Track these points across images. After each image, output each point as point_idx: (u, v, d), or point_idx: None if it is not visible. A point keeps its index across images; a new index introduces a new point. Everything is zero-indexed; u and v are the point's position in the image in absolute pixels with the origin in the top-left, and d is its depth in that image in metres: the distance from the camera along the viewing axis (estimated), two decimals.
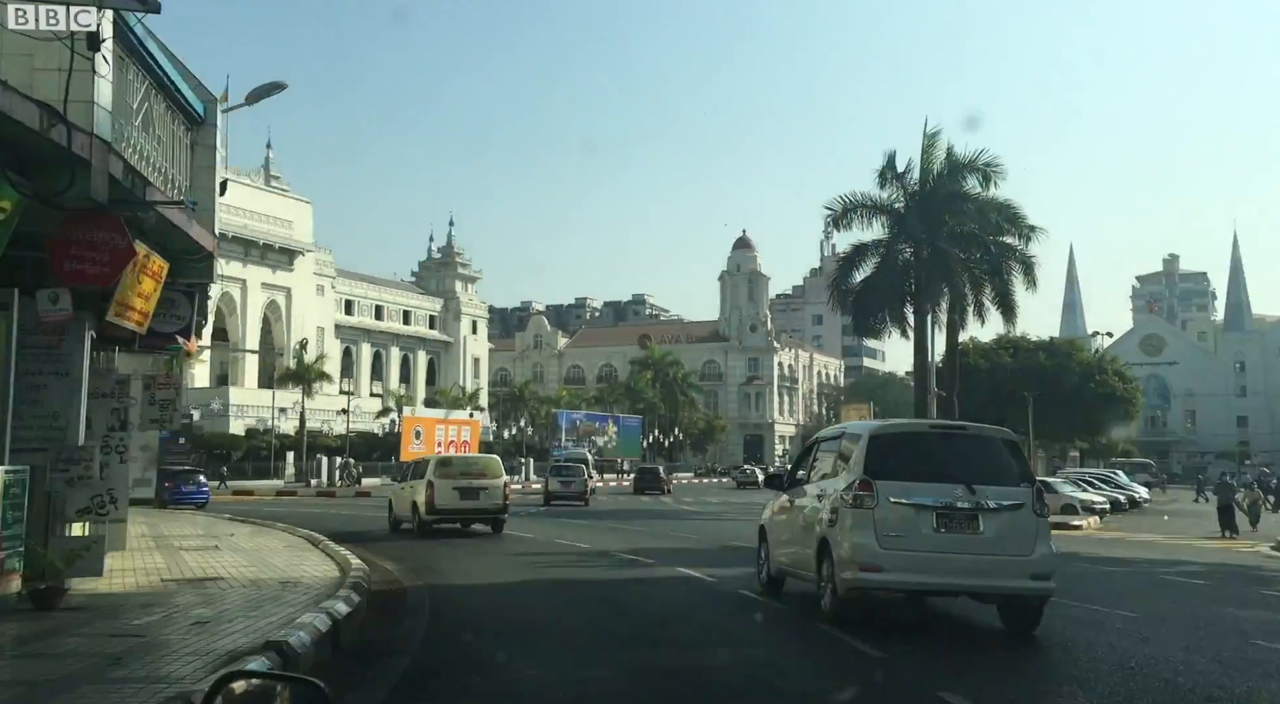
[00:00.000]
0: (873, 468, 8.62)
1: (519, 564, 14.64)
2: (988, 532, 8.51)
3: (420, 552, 16.73)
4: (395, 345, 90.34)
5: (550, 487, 37.06)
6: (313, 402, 64.24)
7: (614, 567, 14.66)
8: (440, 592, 11.49)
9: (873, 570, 8.39)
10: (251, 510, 29.30)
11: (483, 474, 19.59)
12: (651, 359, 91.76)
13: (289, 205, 76.45)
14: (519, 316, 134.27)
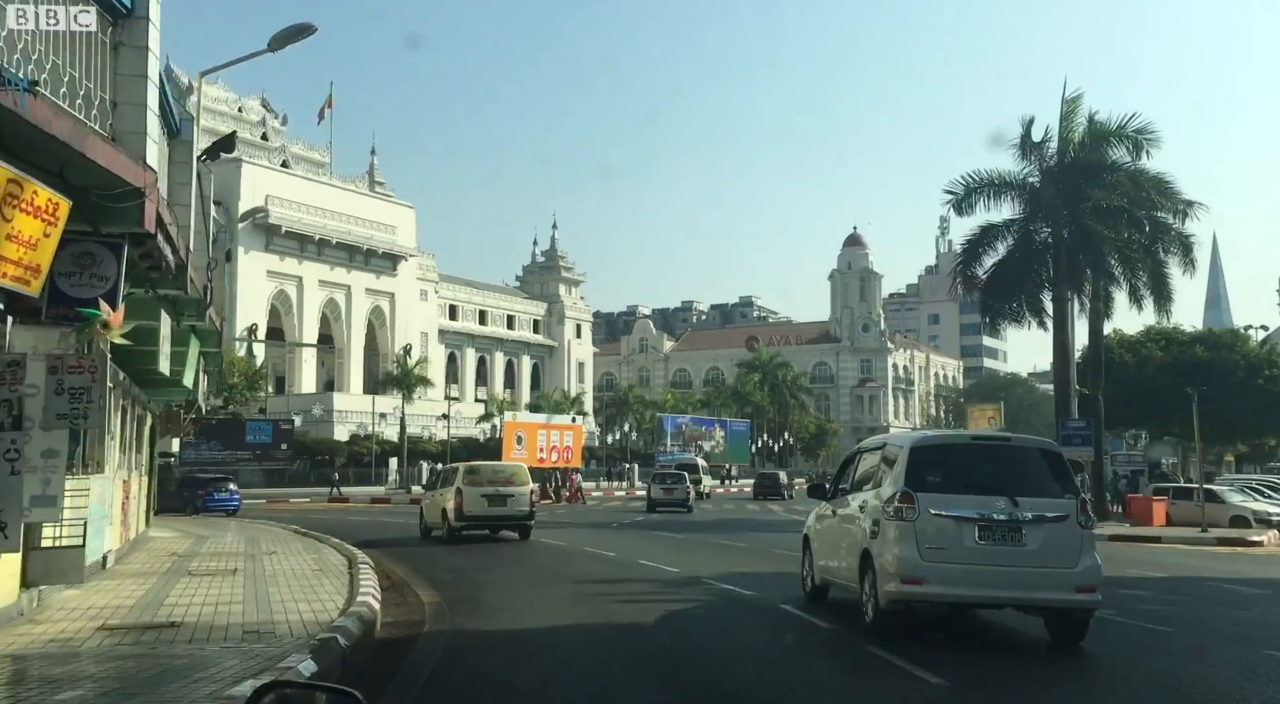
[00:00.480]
0: (914, 480, 8.49)
1: (583, 596, 11.76)
2: (1031, 544, 8.38)
3: (469, 573, 14.07)
4: (499, 350, 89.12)
5: (653, 493, 36.70)
6: (414, 407, 62.96)
7: (701, 605, 11.58)
8: (464, 642, 8.70)
9: (915, 582, 8.25)
10: (308, 519, 27.23)
11: (510, 482, 19.62)
12: (759, 361, 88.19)
13: (392, 210, 75.81)
14: (625, 321, 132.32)
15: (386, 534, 22.36)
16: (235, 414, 53.94)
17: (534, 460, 66.73)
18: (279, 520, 27.26)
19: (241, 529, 23.34)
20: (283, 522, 26.27)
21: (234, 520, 29.17)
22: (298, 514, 32.96)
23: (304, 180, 70.68)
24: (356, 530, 22.51)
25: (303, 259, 68.95)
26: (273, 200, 66.71)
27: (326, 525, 24.12)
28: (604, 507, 40.94)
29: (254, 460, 52.97)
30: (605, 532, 23.78)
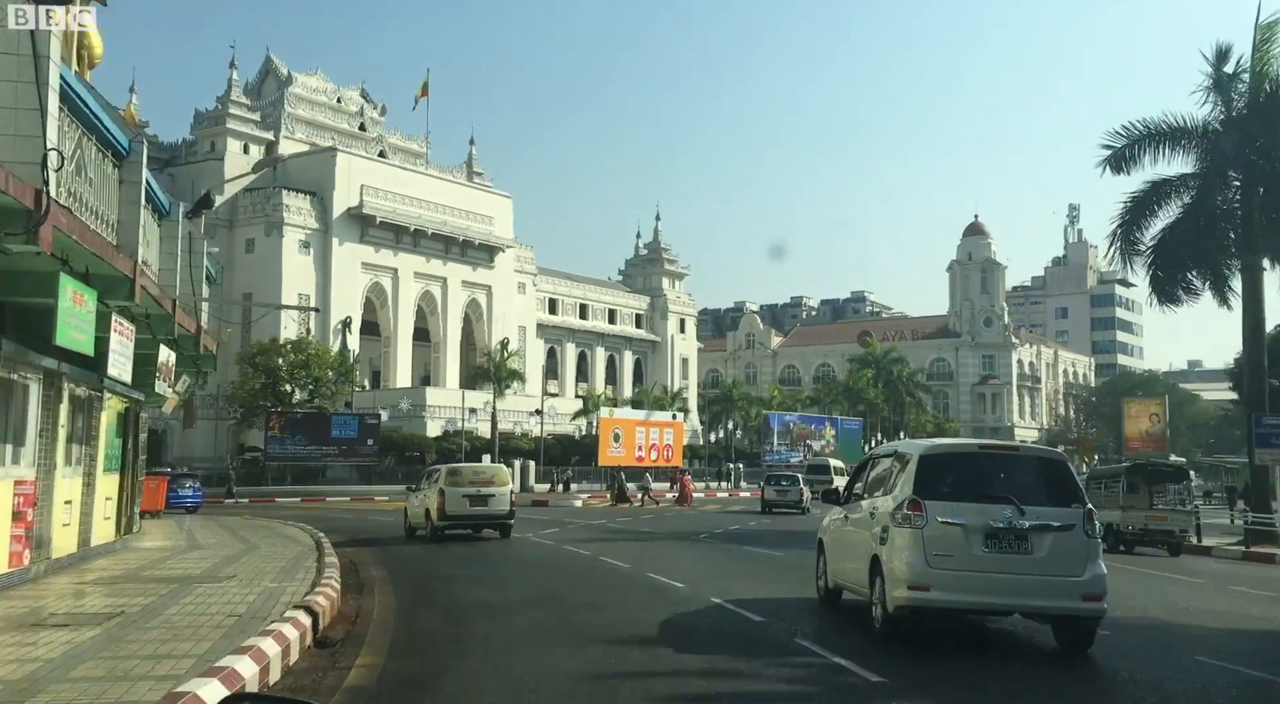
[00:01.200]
0: (922, 487, 8.45)
1: (610, 666, 7.41)
2: (1037, 552, 8.37)
3: (467, 617, 9.90)
4: (600, 345, 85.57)
5: (766, 495, 36.60)
6: (507, 402, 59.78)
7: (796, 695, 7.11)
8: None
9: (921, 589, 8.23)
10: (328, 519, 23.63)
11: (491, 482, 19.94)
12: (872, 356, 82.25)
13: (489, 200, 72.99)
14: (732, 317, 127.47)
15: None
16: (321, 408, 51.54)
17: (632, 459, 62.81)
18: (305, 520, 24.65)
19: (247, 536, 19.89)
20: (305, 521, 24.48)
21: (244, 521, 26.09)
22: (321, 514, 29.76)
23: (400, 169, 68.39)
24: (376, 529, 20.61)
25: (398, 250, 66.62)
26: (368, 190, 64.55)
27: (342, 526, 20.66)
28: (700, 509, 36.54)
29: (339, 456, 50.42)
30: (686, 547, 19.54)
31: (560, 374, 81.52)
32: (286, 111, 67.05)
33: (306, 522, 24.68)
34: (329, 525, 23.87)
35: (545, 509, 35.25)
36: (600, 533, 23.00)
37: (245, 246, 61.84)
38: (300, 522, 25.01)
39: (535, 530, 23.34)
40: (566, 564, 15.41)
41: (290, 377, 50.00)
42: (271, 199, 61.19)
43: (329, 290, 62.72)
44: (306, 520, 25.59)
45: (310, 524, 23.13)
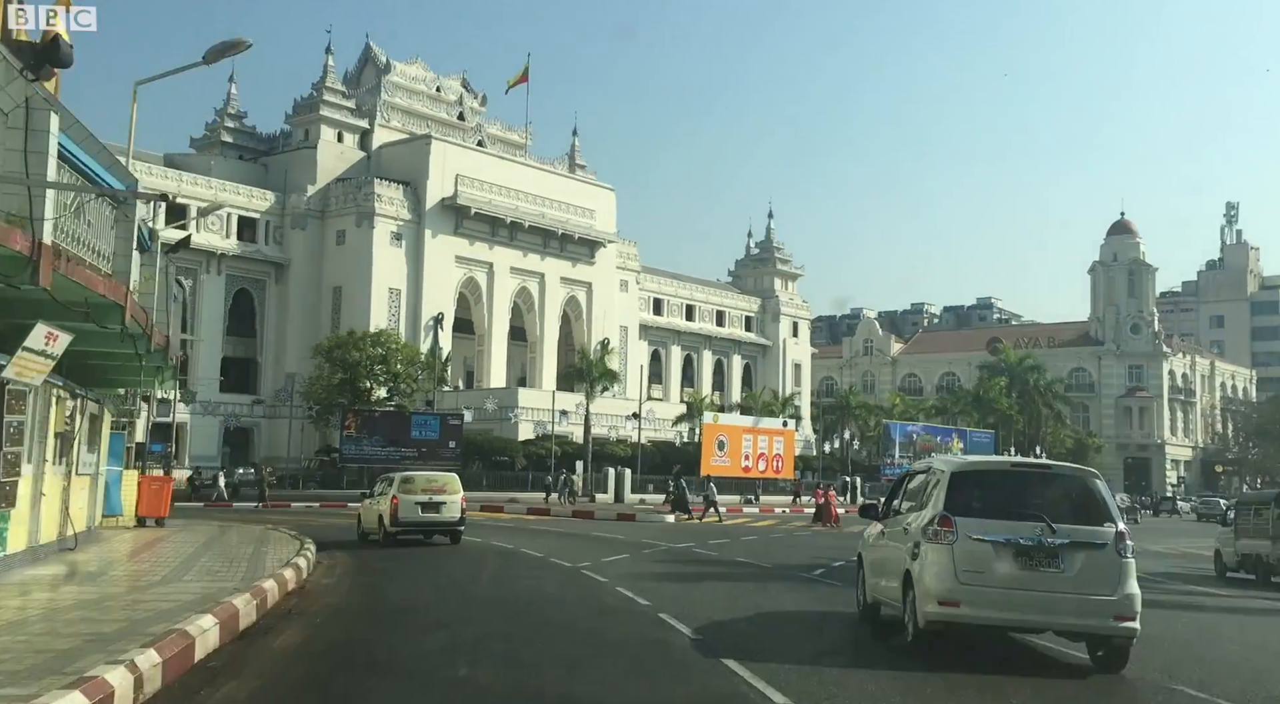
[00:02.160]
0: (953, 504, 8.42)
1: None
2: (1068, 570, 8.25)
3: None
4: (707, 349, 79.87)
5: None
6: (603, 405, 54.69)
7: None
8: None
9: (951, 605, 8.18)
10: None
11: (443, 490, 20.05)
12: (1005, 363, 74.19)
13: (590, 193, 68.30)
14: (847, 324, 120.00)
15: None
16: (401, 406, 47.42)
17: (738, 469, 56.91)
18: (319, 527, 20.53)
19: (235, 545, 15.06)
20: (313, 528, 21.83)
21: (231, 529, 21.47)
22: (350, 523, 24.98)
23: (496, 159, 64.34)
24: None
25: (494, 244, 62.48)
26: (463, 180, 60.63)
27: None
28: (846, 531, 30.29)
29: (418, 459, 45.92)
30: (788, 586, 13.86)
31: (664, 378, 76.20)
32: (383, 99, 63.83)
33: (315, 528, 20.03)
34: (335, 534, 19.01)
35: (629, 526, 29.73)
36: (681, 563, 17.43)
37: (336, 238, 58.66)
38: (308, 528, 20.62)
39: (602, 554, 17.95)
40: (609, 632, 9.82)
41: (368, 372, 46.01)
42: (363, 189, 57.82)
43: (420, 284, 58.97)
44: (321, 527, 20.85)
45: (314, 531, 18.52)
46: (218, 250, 55.36)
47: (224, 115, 63.22)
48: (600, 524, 29.83)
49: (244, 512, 34.29)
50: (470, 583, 14.05)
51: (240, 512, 34.51)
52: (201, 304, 55.26)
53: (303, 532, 21.23)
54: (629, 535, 24.33)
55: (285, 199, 58.47)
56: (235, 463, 53.24)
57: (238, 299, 57.19)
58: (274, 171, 60.92)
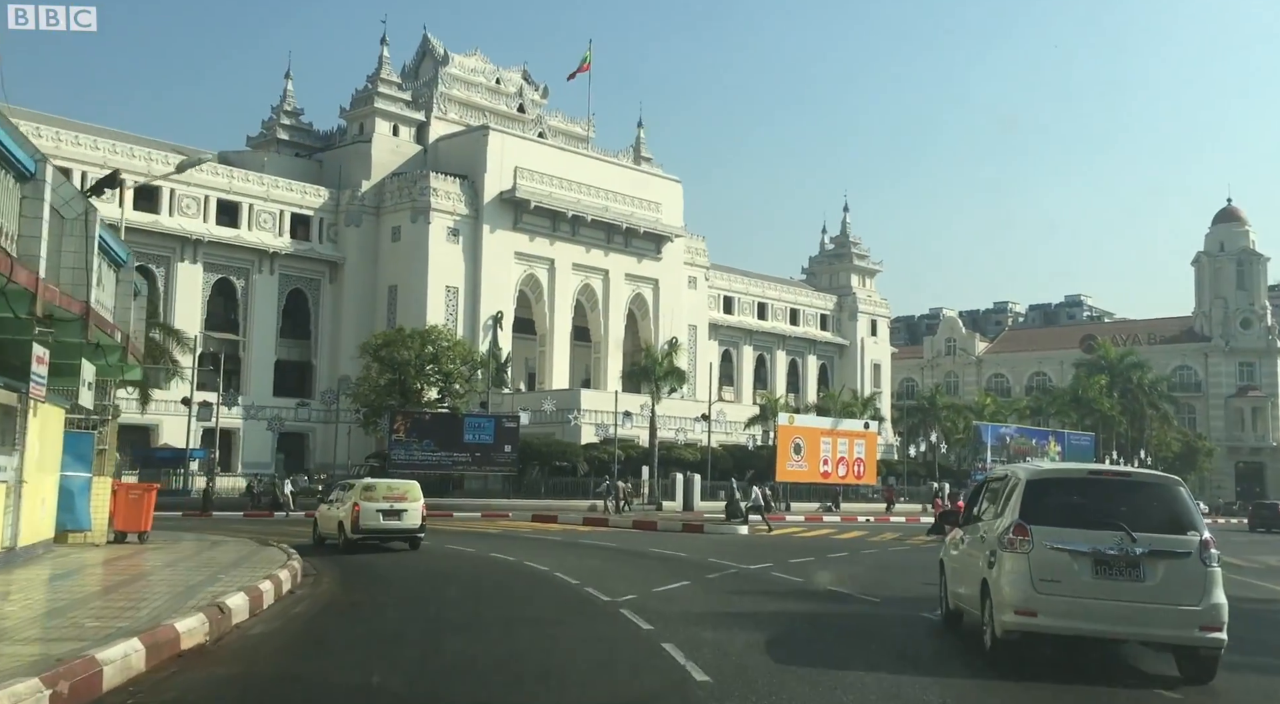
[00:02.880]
0: (1029, 512, 8.26)
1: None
2: (1150, 580, 8.02)
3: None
4: (781, 348, 75.20)
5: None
6: (669, 407, 50.63)
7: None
8: None
9: (1028, 614, 8.01)
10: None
11: (404, 498, 19.78)
12: (1105, 361, 67.96)
13: (656, 185, 64.34)
14: (927, 324, 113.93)
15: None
16: (454, 408, 43.95)
17: (816, 474, 52.13)
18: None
19: (195, 568, 11.32)
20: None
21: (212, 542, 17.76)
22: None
23: (557, 150, 60.83)
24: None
25: (555, 239, 58.91)
26: (522, 173, 57.20)
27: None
28: (927, 540, 25.55)
29: (472, 464, 42.58)
30: (919, 640, 9.61)
31: (735, 380, 71.74)
32: (440, 91, 60.85)
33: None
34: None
35: (694, 541, 25.51)
36: (756, 595, 13.23)
37: (391, 234, 55.70)
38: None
39: (655, 580, 13.89)
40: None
41: (417, 372, 42.64)
42: (418, 183, 54.77)
43: (479, 282, 55.66)
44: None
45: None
46: (270, 249, 52.80)
47: (280, 112, 60.94)
48: (661, 537, 25.69)
49: (269, 522, 30.95)
50: (457, 638, 9.95)
51: (267, 522, 31.20)
52: (254, 305, 52.74)
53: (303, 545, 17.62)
54: (693, 552, 20.14)
55: (339, 195, 55.76)
56: (290, 470, 50.55)
57: (292, 300, 54.58)
58: (328, 167, 58.34)
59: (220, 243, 51.29)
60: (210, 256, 51.40)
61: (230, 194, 52.24)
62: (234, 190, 52.30)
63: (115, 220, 46.76)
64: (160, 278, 49.96)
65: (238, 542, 19.66)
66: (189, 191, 50.83)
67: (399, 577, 15.47)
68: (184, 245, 50.35)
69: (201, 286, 51.21)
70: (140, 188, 49.83)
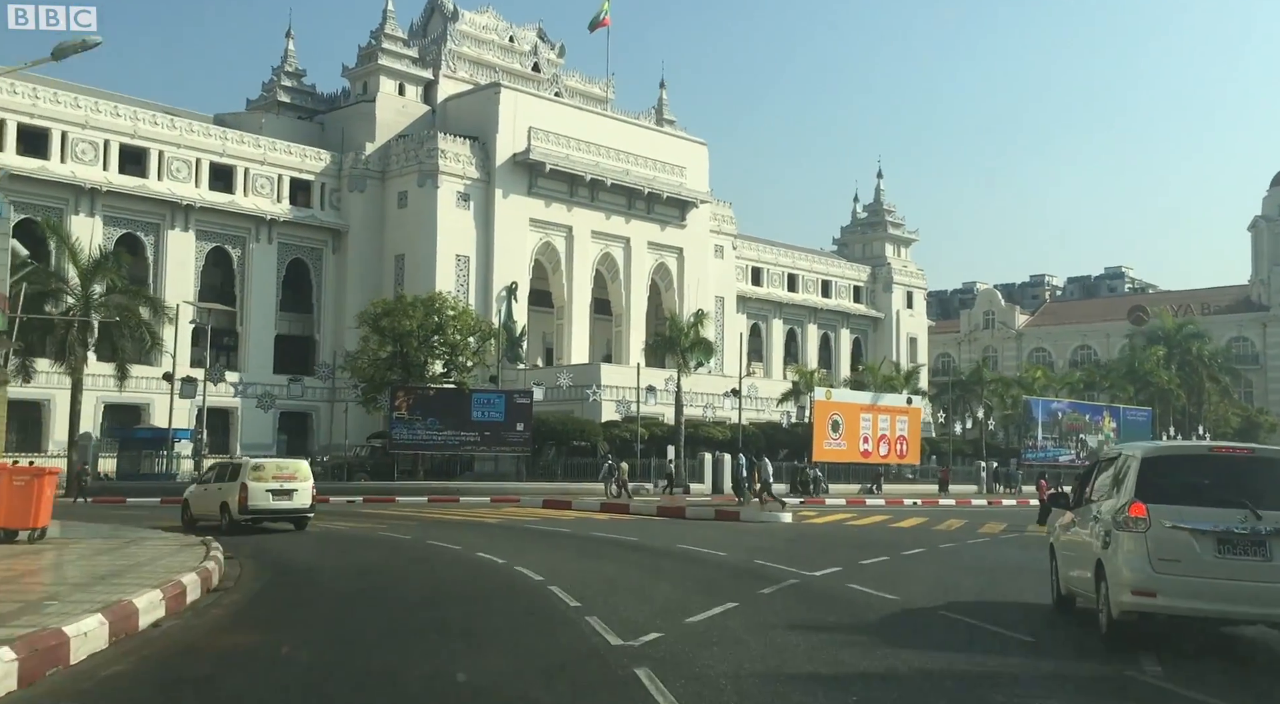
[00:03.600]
0: (1145, 491, 7.90)
1: None
2: (1277, 559, 7.57)
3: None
4: (812, 322, 70.55)
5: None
6: (695, 382, 46.36)
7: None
8: None
9: (1147, 595, 7.69)
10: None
11: (294, 477, 19.47)
12: (1162, 331, 62.77)
13: (680, 147, 59.71)
14: (960, 298, 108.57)
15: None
16: (461, 384, 39.80)
17: (856, 453, 47.57)
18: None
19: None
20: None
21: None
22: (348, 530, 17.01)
23: (574, 110, 56.36)
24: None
25: (572, 205, 54.49)
26: (536, 133, 52.77)
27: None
28: (1028, 530, 20.98)
29: (480, 444, 38.55)
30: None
31: (765, 355, 67.20)
32: (449, 48, 56.44)
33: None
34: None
35: (731, 532, 21.15)
36: (843, 633, 8.80)
37: (397, 200, 51.50)
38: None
39: (684, 601, 9.67)
40: None
41: (420, 343, 38.51)
42: (425, 145, 50.46)
43: (491, 251, 51.39)
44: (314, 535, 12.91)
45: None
46: (268, 216, 48.75)
47: (280, 74, 56.79)
48: (691, 528, 21.37)
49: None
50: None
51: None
52: (251, 276, 48.76)
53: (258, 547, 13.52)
54: (732, 549, 15.78)
55: (342, 159, 51.58)
56: (293, 452, 46.73)
57: (292, 270, 50.55)
58: (330, 130, 54.20)
59: (214, 209, 47.28)
60: (203, 224, 47.44)
61: (224, 157, 48.20)
62: (228, 153, 48.26)
63: (101, 183, 42.50)
64: (149, 246, 46.13)
65: (168, 538, 15.56)
66: (179, 154, 46.86)
67: (319, 596, 11.25)
68: (174, 211, 46.39)
69: (195, 256, 47.27)
70: (127, 150, 46.16)
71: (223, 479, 19.70)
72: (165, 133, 46.53)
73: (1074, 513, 9.76)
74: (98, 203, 44.36)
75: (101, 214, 44.51)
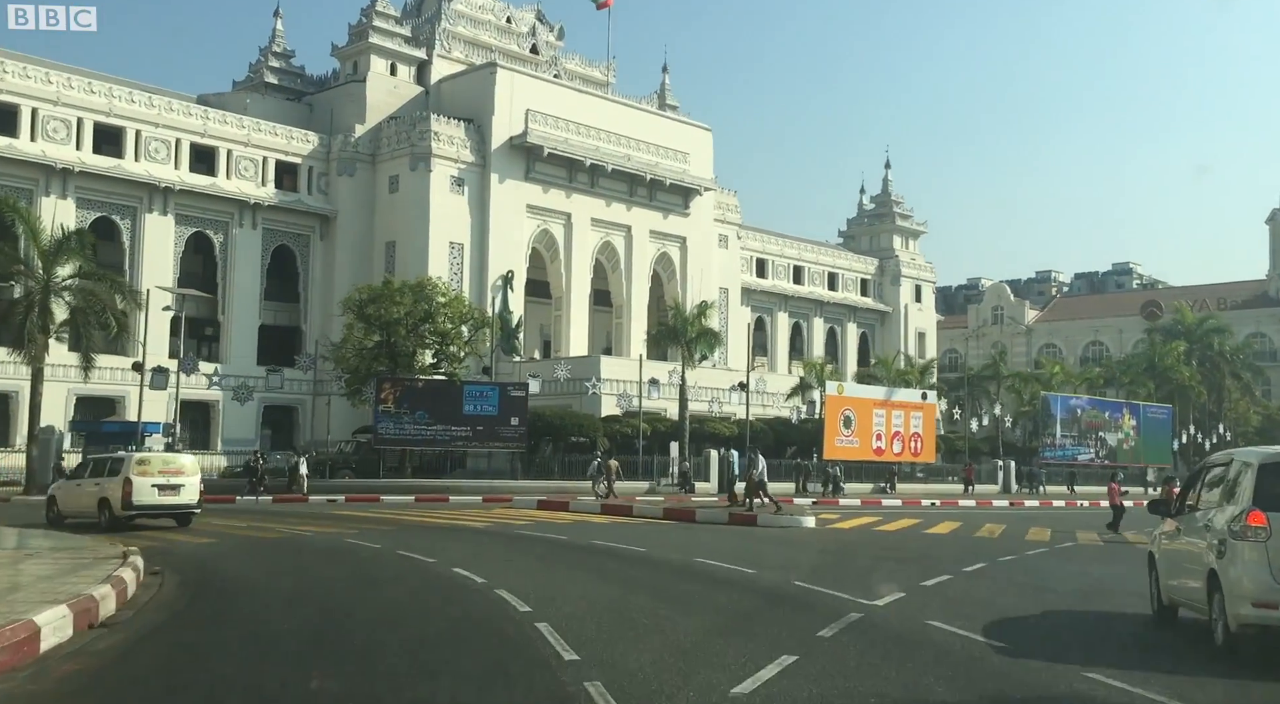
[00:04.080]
0: (1264, 498, 7.44)
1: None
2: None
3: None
4: (818, 315, 67.82)
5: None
6: (700, 375, 43.68)
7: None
8: None
9: (1268, 606, 7.16)
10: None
11: (181, 472, 18.57)
12: (1183, 326, 60.06)
13: (683, 133, 56.92)
14: (965, 295, 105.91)
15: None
16: (452, 375, 37.04)
17: (869, 451, 44.79)
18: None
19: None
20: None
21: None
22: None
23: (573, 92, 53.56)
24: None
25: (571, 191, 51.71)
26: (534, 116, 49.98)
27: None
28: (1019, 532, 18.27)
29: (473, 439, 35.77)
30: None
31: (770, 349, 64.45)
32: (443, 28, 53.64)
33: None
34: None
35: (751, 538, 18.45)
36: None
37: (388, 185, 48.70)
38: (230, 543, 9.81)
39: (742, 644, 7.02)
40: None
41: (409, 332, 35.76)
42: (417, 126, 47.66)
43: (486, 238, 48.61)
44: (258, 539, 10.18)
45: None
46: (252, 199, 45.93)
47: (268, 54, 53.95)
48: (704, 535, 18.66)
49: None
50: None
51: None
52: (234, 263, 45.95)
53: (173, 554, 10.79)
54: (760, 564, 13.04)
55: (331, 141, 48.78)
56: (278, 447, 43.97)
57: (277, 257, 47.73)
58: (319, 112, 51.39)
59: (194, 192, 44.46)
60: (183, 207, 44.63)
61: (206, 138, 45.37)
62: (210, 134, 45.44)
63: (74, 163, 39.98)
64: (125, 230, 43.33)
65: (76, 550, 12.81)
66: (157, 134, 44.03)
67: (232, 638, 8.51)
68: (152, 194, 43.56)
69: (174, 241, 44.47)
70: (102, 129, 43.40)
71: (100, 474, 18.62)
72: (143, 111, 43.72)
73: (1176, 521, 9.31)
74: (70, 184, 41.57)
75: (74, 196, 41.72)
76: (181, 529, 18.24)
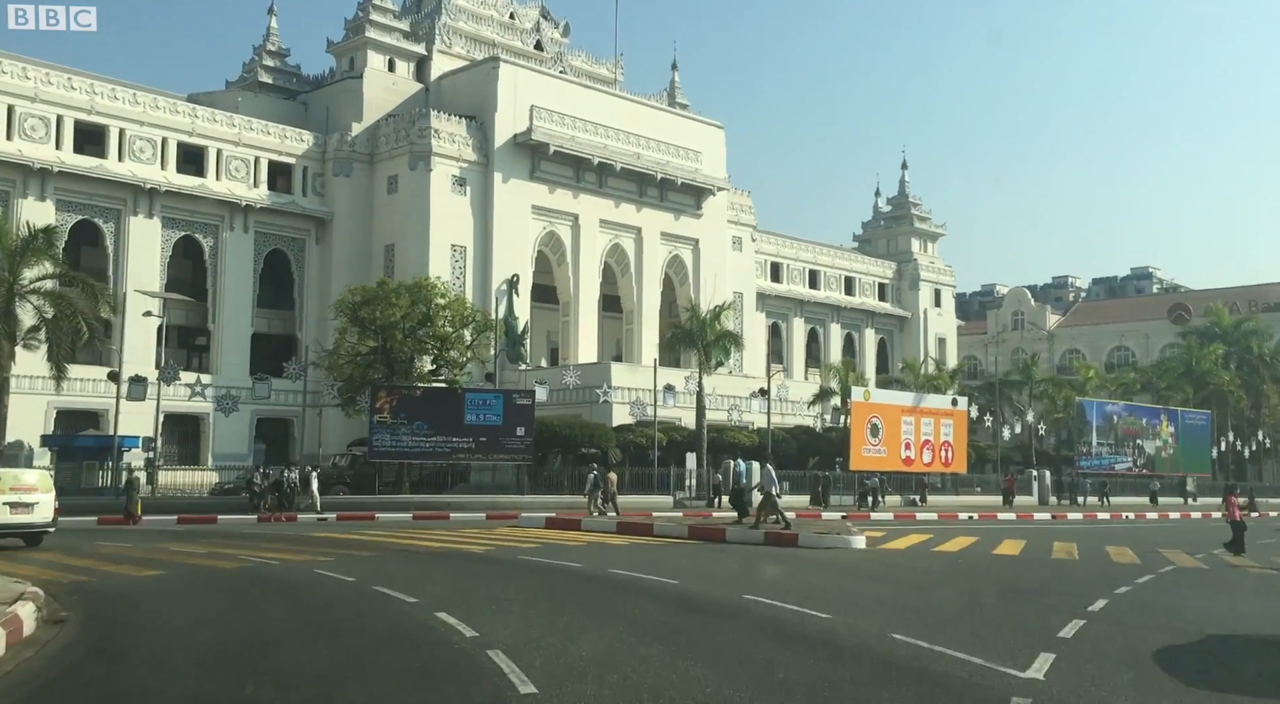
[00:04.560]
0: None
1: None
2: None
3: None
4: (835, 321, 64.92)
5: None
6: (717, 382, 40.75)
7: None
8: None
9: None
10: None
11: (34, 489, 17.78)
12: (1219, 328, 56.99)
13: (695, 131, 54.19)
14: (980, 301, 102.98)
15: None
16: (452, 383, 34.19)
17: (897, 460, 41.71)
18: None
19: None
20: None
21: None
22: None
23: (579, 87, 50.89)
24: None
25: (579, 191, 48.99)
26: (539, 113, 47.31)
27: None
28: (1095, 549, 15.39)
29: (475, 451, 32.87)
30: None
31: (786, 355, 61.53)
32: (443, 22, 51.10)
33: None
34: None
35: (798, 564, 15.53)
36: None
37: (387, 185, 46.03)
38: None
39: None
40: None
41: (406, 336, 32.95)
42: (417, 124, 45.01)
43: (490, 240, 45.88)
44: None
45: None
46: (243, 201, 43.29)
47: (262, 53, 51.46)
48: (742, 559, 15.76)
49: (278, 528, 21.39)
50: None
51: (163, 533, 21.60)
52: (225, 268, 43.27)
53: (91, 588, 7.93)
54: (832, 606, 10.11)
55: (326, 140, 46.17)
56: (273, 461, 41.14)
57: (271, 262, 45.05)
58: (314, 110, 48.82)
59: (182, 193, 41.83)
60: (170, 210, 42.00)
61: (194, 137, 42.78)
62: (198, 132, 42.85)
63: (53, 163, 37.37)
64: (109, 234, 40.70)
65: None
66: (143, 133, 41.45)
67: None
68: (137, 195, 40.94)
69: (160, 245, 41.81)
70: (83, 128, 40.88)
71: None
72: (127, 109, 41.15)
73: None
74: (49, 185, 38.97)
75: (54, 197, 39.12)
76: (134, 564, 15.43)
